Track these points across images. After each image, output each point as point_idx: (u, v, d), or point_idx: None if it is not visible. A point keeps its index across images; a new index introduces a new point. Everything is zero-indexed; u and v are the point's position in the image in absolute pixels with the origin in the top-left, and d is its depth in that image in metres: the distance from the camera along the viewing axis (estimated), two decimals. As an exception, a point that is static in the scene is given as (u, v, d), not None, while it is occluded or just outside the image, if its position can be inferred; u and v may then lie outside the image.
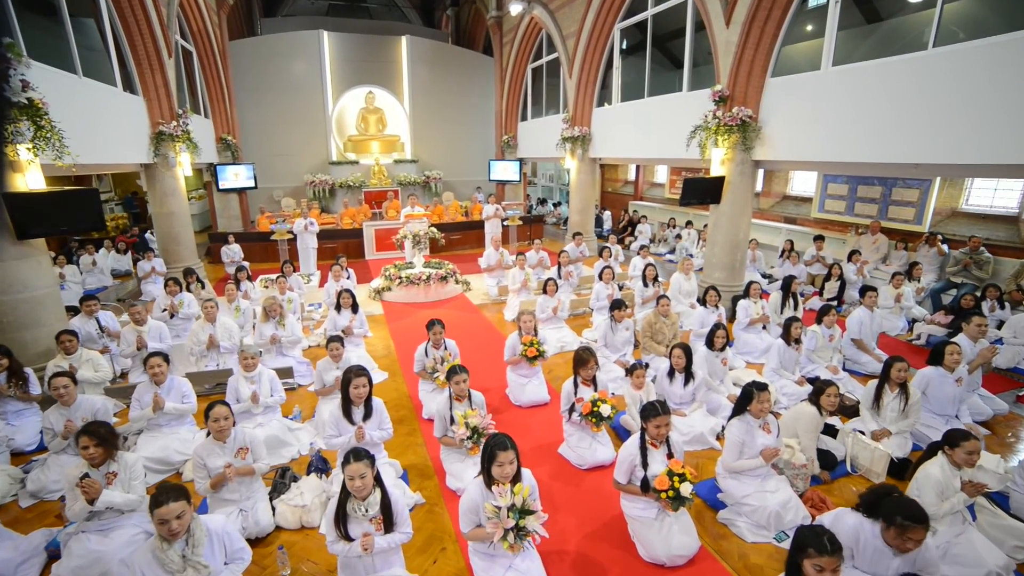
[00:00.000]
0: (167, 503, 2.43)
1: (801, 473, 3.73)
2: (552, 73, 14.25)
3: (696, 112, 7.99)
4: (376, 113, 16.24)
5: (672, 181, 15.68)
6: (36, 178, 5.04)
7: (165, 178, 9.27)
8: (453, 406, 4.07)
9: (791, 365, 5.37)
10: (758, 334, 6.67)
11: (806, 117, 6.72)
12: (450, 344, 5.32)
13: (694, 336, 6.57)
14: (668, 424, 3.21)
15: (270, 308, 5.95)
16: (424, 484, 4.12)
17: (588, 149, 12.32)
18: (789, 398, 5.11)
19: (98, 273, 10.37)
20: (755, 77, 7.14)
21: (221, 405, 3.48)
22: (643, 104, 10.32)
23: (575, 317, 8.29)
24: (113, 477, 3.35)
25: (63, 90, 6.58)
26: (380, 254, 12.72)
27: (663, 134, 9.57)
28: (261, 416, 4.62)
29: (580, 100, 12.06)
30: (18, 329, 5.08)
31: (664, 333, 6.07)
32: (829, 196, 10.56)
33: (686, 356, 4.65)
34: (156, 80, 8.92)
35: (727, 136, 7.49)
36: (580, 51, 11.63)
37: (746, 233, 8.24)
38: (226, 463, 3.44)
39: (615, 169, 18.59)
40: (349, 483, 2.70)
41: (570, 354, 6.76)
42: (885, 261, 8.95)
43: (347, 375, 3.72)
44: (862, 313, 5.84)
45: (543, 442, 4.71)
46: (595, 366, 4.27)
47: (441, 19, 20.93)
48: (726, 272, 8.30)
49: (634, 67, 11.10)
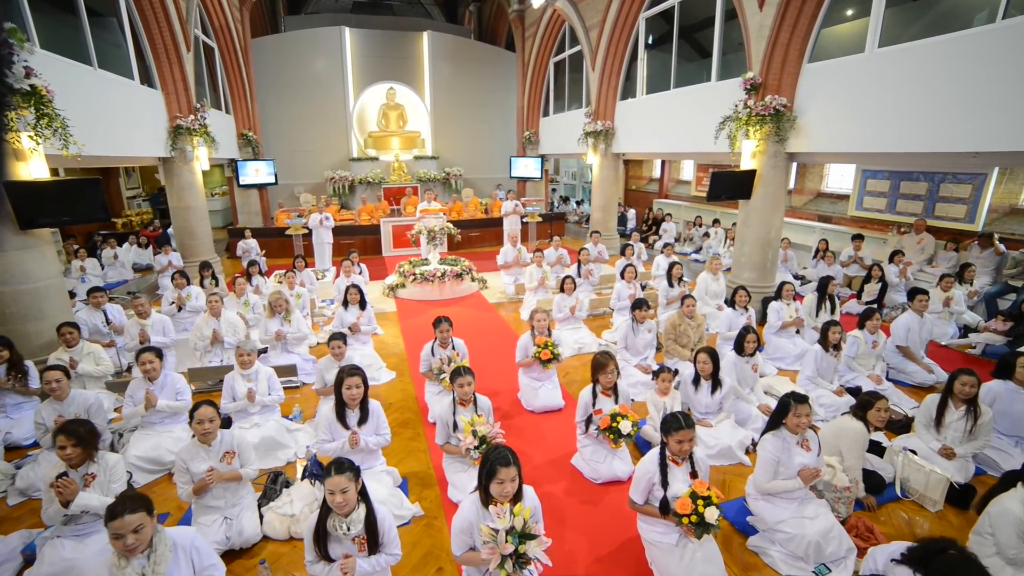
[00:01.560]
0: (122, 515, 2.18)
1: (844, 497, 3.30)
2: (575, 67, 13.88)
3: (725, 103, 7.53)
4: (397, 109, 16.10)
5: (699, 178, 15.10)
6: (40, 167, 4.93)
7: (182, 172, 9.24)
8: (457, 411, 3.76)
9: (829, 373, 4.89)
10: (791, 338, 6.19)
11: (847, 105, 6.20)
12: (458, 344, 5.01)
13: (721, 339, 6.14)
14: (692, 439, 2.84)
15: (276, 304, 5.76)
16: (424, 494, 3.83)
17: (611, 144, 11.90)
18: (827, 409, 4.65)
19: (119, 267, 10.46)
20: (790, 63, 6.64)
21: (207, 406, 3.24)
22: (669, 96, 9.86)
23: (594, 317, 7.91)
24: (91, 479, 3.16)
25: (77, 81, 6.54)
26: (397, 251, 12.54)
27: (690, 127, 9.11)
28: (258, 416, 4.40)
29: (603, 93, 11.65)
30: (21, 321, 4.99)
31: (689, 336, 5.65)
32: (868, 193, 9.90)
33: (713, 361, 4.24)
34: (174, 73, 8.89)
35: (759, 127, 7.01)
36: (603, 43, 11.23)
37: (778, 231, 7.73)
38: (209, 468, 3.21)
39: (639, 166, 18.07)
40: (329, 498, 2.42)
41: (588, 356, 6.42)
42: (931, 262, 8.29)
43: (340, 375, 3.45)
44: (910, 318, 5.30)
45: (555, 452, 4.36)
46: (615, 372, 3.90)
47: (463, 15, 20.73)
48: (756, 272, 7.80)
49: (659, 58, 10.64)
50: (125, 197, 14.99)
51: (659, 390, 4.25)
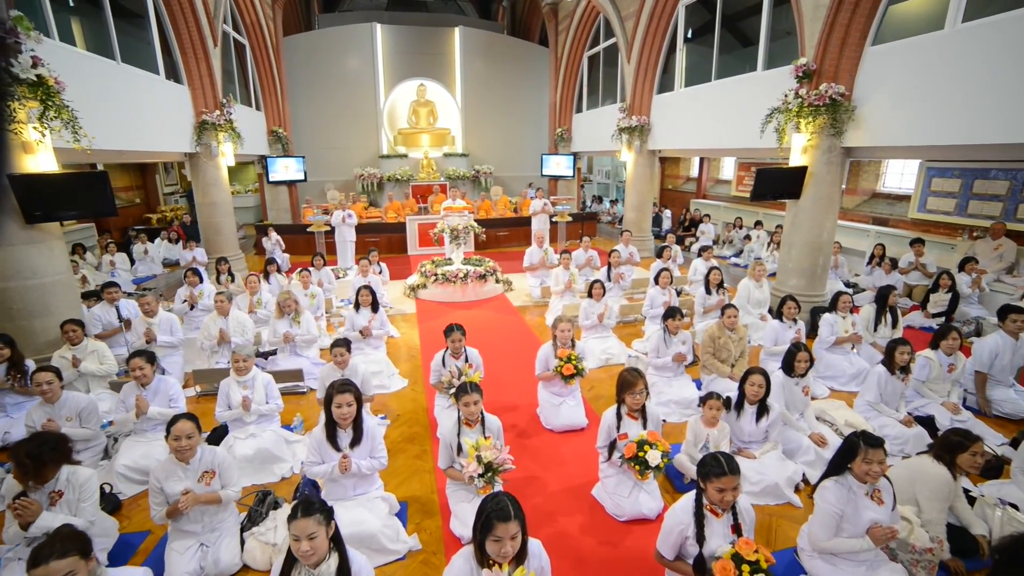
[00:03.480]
0: (47, 561, 1.85)
1: (924, 560, 2.70)
2: (609, 61, 13.29)
3: (773, 93, 6.87)
4: (427, 106, 15.86)
5: (740, 177, 14.25)
6: (48, 160, 4.79)
7: (208, 168, 9.19)
8: (462, 432, 3.35)
9: (895, 399, 4.24)
10: (846, 355, 5.51)
11: (918, 92, 5.46)
12: (472, 354, 4.60)
13: (765, 354, 5.52)
14: (736, 488, 2.33)
15: (284, 304, 5.49)
16: (424, 524, 3.43)
17: (646, 140, 11.28)
18: (892, 442, 4.01)
19: (149, 262, 10.53)
20: (850, 46, 5.93)
21: (184, 420, 2.93)
22: (710, 89, 9.19)
23: (624, 324, 7.37)
24: (58, 497, 2.90)
25: (99, 76, 6.47)
26: (423, 249, 12.26)
27: (733, 121, 8.44)
28: (254, 425, 4.10)
29: (639, 87, 11.03)
30: (27, 317, 4.87)
31: (729, 350, 5.06)
32: (933, 193, 8.96)
33: (766, 385, 3.68)
34: (200, 69, 8.83)
35: (811, 119, 6.33)
36: (640, 33, 10.62)
37: (831, 234, 7.00)
38: (184, 489, 2.90)
39: (676, 164, 17.27)
40: (294, 545, 2.04)
41: (616, 368, 5.90)
42: (1011, 272, 7.35)
43: (329, 391, 3.08)
44: (1000, 341, 4.50)
45: (575, 479, 3.89)
46: (644, 392, 3.41)
47: (497, 10, 20.37)
48: (804, 279, 7.09)
49: (699, 48, 9.96)
50: (162, 193, 15.28)
51: (705, 419, 3.68)
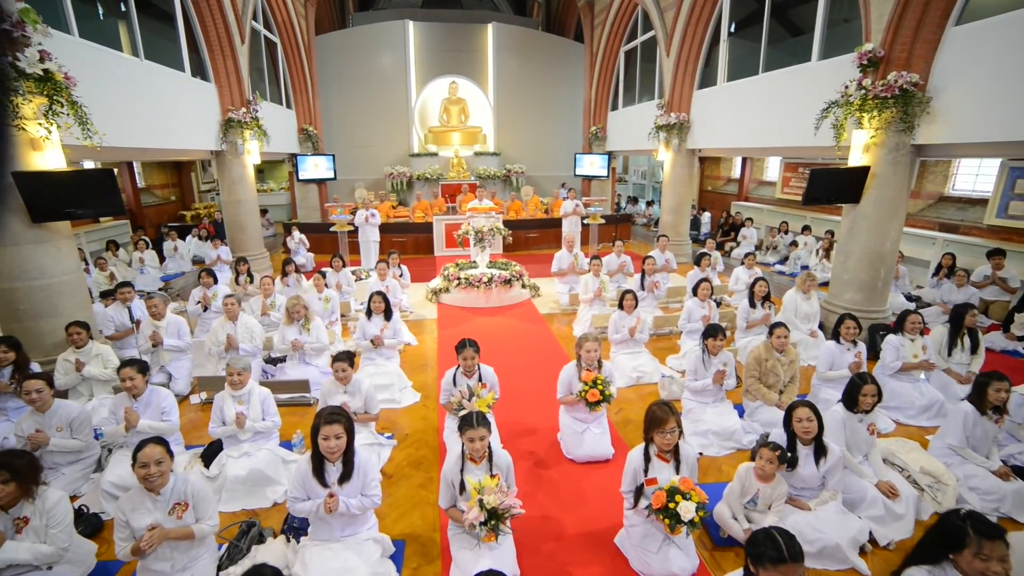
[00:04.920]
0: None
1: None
2: (647, 56, 12.64)
3: (830, 85, 6.18)
4: (458, 104, 15.58)
5: (786, 179, 13.31)
6: (56, 157, 4.65)
7: (233, 166, 9.12)
8: (466, 468, 2.93)
9: (985, 444, 3.57)
10: (914, 383, 4.82)
11: (1009, 79, 4.71)
12: (486, 372, 4.18)
13: (818, 379, 4.88)
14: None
15: (293, 310, 5.22)
16: (422, 571, 3.02)
17: (686, 139, 10.61)
18: (983, 497, 3.37)
19: (178, 259, 10.59)
20: (928, 27, 5.19)
21: (154, 444, 2.62)
22: (756, 82, 8.48)
23: (658, 337, 6.81)
24: (23, 524, 2.64)
25: (122, 73, 6.39)
26: (449, 251, 11.94)
27: (782, 117, 7.74)
28: (248, 443, 3.81)
29: (678, 82, 10.38)
30: (33, 318, 4.75)
31: (777, 374, 4.47)
32: (1017, 196, 7.97)
33: (817, 420, 3.13)
34: (228, 66, 8.75)
35: (877, 112, 5.61)
36: (680, 25, 9.98)
37: (895, 243, 6.25)
38: (151, 524, 2.59)
39: (716, 164, 16.39)
40: None
41: (648, 388, 5.38)
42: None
43: (316, 420, 2.72)
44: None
45: (596, 522, 3.40)
46: (677, 431, 2.90)
47: (532, 6, 19.93)
48: (862, 293, 6.36)
49: (745, 39, 9.24)
50: (199, 191, 15.52)
51: (759, 473, 3.10)
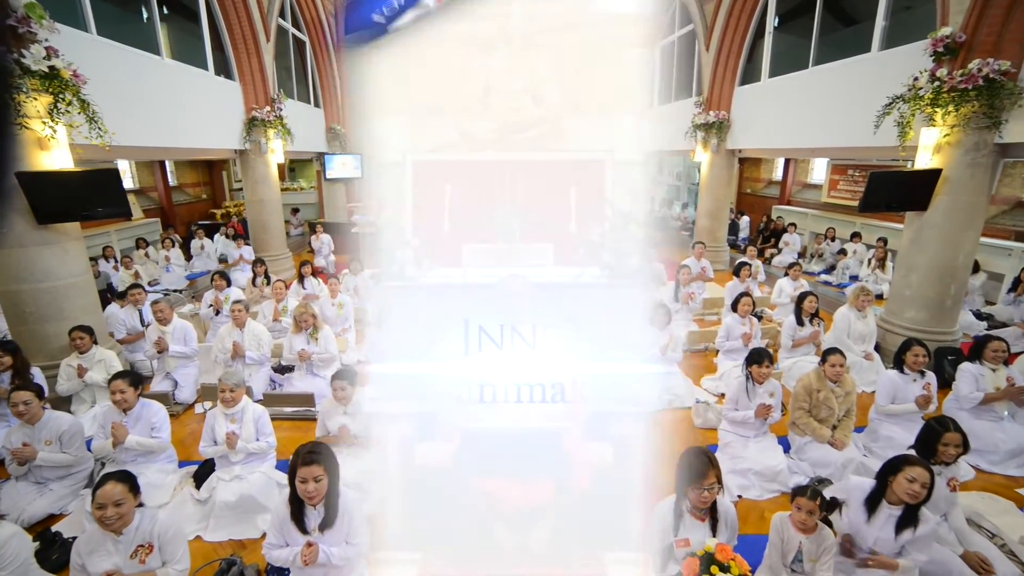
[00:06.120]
0: None
1: None
2: (684, 51, 11.99)
3: (893, 79, 5.51)
4: (486, 103, 15.24)
5: (833, 182, 12.42)
6: (63, 156, 4.50)
7: (257, 165, 9.03)
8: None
9: (1094, 506, 2.97)
10: (997, 422, 4.17)
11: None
12: None
13: (877, 414, 4.25)
14: None
15: (301, 319, 4.94)
16: (414, 629, 2.67)
17: (725, 139, 9.96)
18: (1094, 575, 2.77)
19: (204, 257, 10.64)
20: (1022, 7, 4.52)
21: (114, 482, 2.32)
22: (805, 77, 7.82)
23: (692, 353, 6.26)
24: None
25: (145, 72, 6.30)
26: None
27: (833, 114, 7.08)
28: (240, 466, 3.52)
29: (718, 78, 9.75)
30: (39, 321, 4.63)
31: (831, 407, 3.91)
32: (1108, 205, 7.08)
33: (932, 484, 2.46)
34: (252, 65, 8.65)
35: (954, 107, 4.94)
36: (721, 17, 9.37)
37: (969, 256, 5.54)
38: (108, 570, 2.30)
39: (757, 166, 15.53)
40: None
41: (680, 414, 4.88)
42: None
43: (293, 460, 2.37)
44: None
45: None
46: (717, 487, 2.43)
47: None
48: (928, 312, 5.67)
49: (793, 31, 8.56)
50: (230, 189, 15.71)
51: (797, 525, 2.61)
